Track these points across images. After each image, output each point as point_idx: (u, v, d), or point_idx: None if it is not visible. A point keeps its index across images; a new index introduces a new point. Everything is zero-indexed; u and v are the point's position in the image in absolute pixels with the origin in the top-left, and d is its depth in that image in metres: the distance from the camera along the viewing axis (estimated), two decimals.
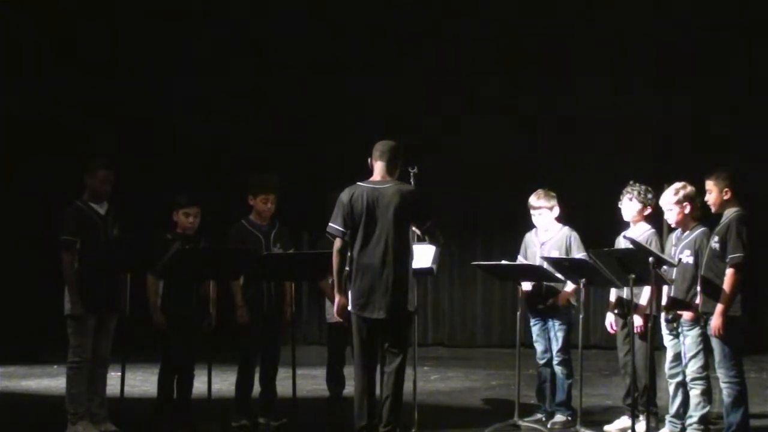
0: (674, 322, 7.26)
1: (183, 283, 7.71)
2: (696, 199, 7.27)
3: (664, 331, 7.36)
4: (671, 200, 7.29)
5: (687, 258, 7.19)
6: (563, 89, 12.64)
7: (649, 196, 7.74)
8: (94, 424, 7.58)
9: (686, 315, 7.17)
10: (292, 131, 13.07)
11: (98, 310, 7.55)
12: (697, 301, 7.08)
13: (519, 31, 12.79)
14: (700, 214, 7.32)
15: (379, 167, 6.98)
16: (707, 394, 7.20)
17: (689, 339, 7.18)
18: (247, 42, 13.20)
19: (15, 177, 12.50)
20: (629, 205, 7.80)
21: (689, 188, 7.30)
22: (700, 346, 7.16)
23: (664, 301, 7.36)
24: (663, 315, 7.31)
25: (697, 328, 7.15)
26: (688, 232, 7.29)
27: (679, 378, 7.31)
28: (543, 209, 8.10)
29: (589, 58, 12.55)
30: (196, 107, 12.98)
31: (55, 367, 10.42)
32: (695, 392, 7.20)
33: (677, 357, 7.31)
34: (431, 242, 7.19)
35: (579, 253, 7.93)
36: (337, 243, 6.93)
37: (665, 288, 7.33)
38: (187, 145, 12.93)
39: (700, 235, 7.21)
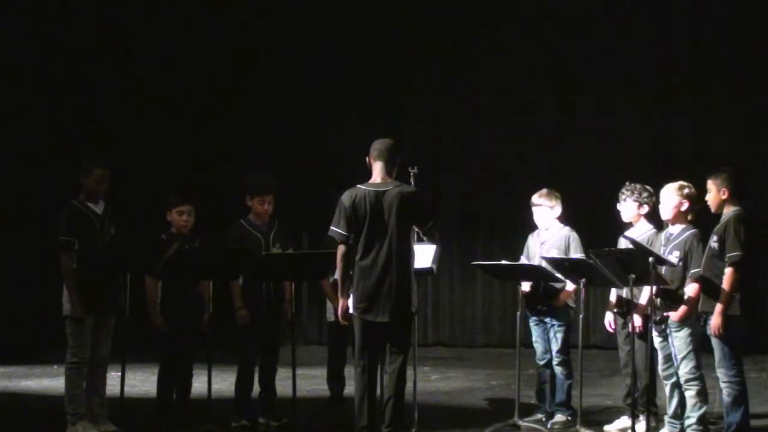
0: (662, 323, 7.25)
1: (182, 283, 7.71)
2: (696, 202, 7.27)
3: (654, 333, 7.35)
4: (672, 193, 7.29)
5: (675, 259, 7.19)
6: (564, 89, 12.62)
7: (645, 194, 7.74)
8: (94, 424, 7.57)
9: (673, 316, 7.16)
10: (292, 130, 13.06)
11: (97, 310, 7.54)
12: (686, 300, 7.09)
13: (520, 32, 12.78)
14: (694, 218, 7.32)
15: (378, 167, 6.95)
16: (703, 394, 7.19)
17: (678, 340, 7.18)
18: (249, 43, 13.22)
19: (14, 177, 12.48)
20: (626, 206, 7.81)
21: (693, 189, 7.32)
22: (690, 347, 7.15)
23: (643, 300, 7.40)
24: (652, 317, 7.28)
25: (686, 329, 7.14)
26: (677, 233, 7.29)
27: (674, 379, 7.30)
28: (543, 207, 8.11)
29: (590, 59, 12.53)
30: (196, 107, 12.98)
31: (55, 367, 10.41)
32: (690, 393, 7.18)
33: (669, 359, 7.30)
34: (430, 241, 7.19)
35: (576, 254, 7.93)
36: (341, 248, 6.89)
37: (645, 290, 7.35)
38: (187, 145, 12.93)
39: (689, 237, 7.21)
